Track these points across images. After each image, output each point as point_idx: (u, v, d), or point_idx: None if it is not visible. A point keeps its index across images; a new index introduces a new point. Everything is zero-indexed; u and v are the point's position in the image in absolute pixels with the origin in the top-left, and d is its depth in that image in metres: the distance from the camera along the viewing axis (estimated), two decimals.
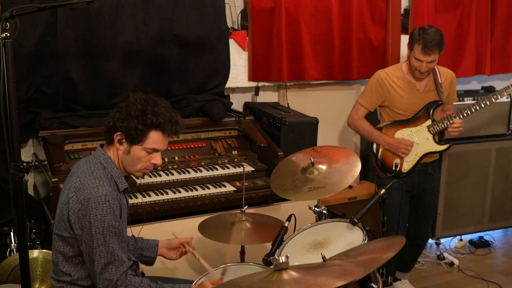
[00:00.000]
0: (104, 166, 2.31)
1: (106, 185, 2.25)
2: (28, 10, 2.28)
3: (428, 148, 3.65)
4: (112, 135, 2.30)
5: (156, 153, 2.34)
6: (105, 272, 2.21)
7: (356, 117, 3.73)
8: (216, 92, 3.87)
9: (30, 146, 3.58)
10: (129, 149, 2.30)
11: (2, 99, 2.21)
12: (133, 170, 2.36)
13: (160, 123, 2.27)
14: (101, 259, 2.20)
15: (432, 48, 3.38)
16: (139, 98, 2.31)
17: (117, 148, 2.32)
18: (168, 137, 2.34)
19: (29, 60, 3.30)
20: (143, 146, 2.29)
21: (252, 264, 2.71)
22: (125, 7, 3.49)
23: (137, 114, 2.25)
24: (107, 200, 2.21)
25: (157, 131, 2.29)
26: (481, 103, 3.64)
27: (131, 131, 2.25)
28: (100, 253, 2.20)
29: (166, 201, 3.23)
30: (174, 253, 2.70)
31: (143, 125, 2.26)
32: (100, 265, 2.21)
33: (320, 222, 2.80)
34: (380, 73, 3.67)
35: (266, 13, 3.97)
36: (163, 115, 2.28)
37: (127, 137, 2.28)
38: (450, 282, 4.19)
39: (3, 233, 3.28)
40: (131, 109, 2.27)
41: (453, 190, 4.52)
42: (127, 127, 2.25)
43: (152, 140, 2.29)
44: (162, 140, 2.32)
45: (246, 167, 3.53)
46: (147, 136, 2.28)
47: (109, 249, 2.21)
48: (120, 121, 2.27)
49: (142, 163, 2.33)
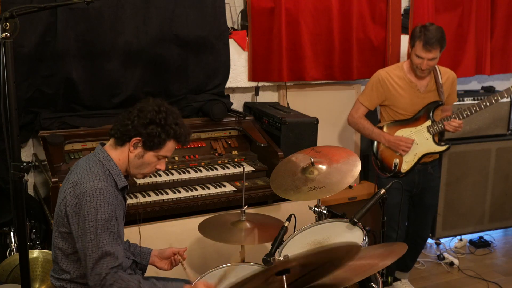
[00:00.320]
0: (103, 164, 2.31)
1: (102, 180, 2.25)
2: (28, 10, 2.28)
3: (428, 149, 3.65)
4: (130, 139, 2.31)
5: (164, 160, 2.40)
6: (96, 267, 2.19)
7: (357, 116, 3.73)
8: (216, 92, 3.87)
9: (30, 146, 3.58)
10: (143, 154, 2.33)
11: (2, 99, 2.21)
12: (137, 172, 2.39)
13: (181, 134, 2.34)
14: (93, 253, 2.19)
15: (433, 44, 3.38)
16: (161, 105, 2.33)
17: (129, 150, 2.33)
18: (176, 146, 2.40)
19: (29, 60, 3.30)
20: (157, 154, 2.34)
21: (252, 264, 2.70)
22: (125, 7, 3.49)
23: (161, 122, 2.29)
24: (101, 193, 2.21)
25: (175, 141, 2.35)
26: (481, 105, 3.64)
27: (153, 138, 2.29)
28: (93, 248, 2.19)
29: (166, 201, 3.23)
30: (166, 263, 2.66)
31: (166, 134, 2.30)
32: (92, 260, 2.19)
33: (320, 222, 2.80)
34: (381, 72, 3.67)
35: (266, 13, 3.97)
36: (183, 127, 2.35)
37: (145, 143, 2.30)
38: (450, 282, 4.19)
39: (3, 233, 3.28)
40: (153, 116, 2.29)
41: (453, 190, 4.52)
42: (150, 133, 2.28)
43: (167, 149, 2.35)
44: (174, 149, 2.39)
45: (246, 167, 3.53)
46: (165, 145, 2.32)
47: (100, 243, 2.19)
48: (142, 127, 2.28)
49: (150, 168, 2.38)
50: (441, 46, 3.43)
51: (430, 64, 3.46)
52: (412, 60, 3.51)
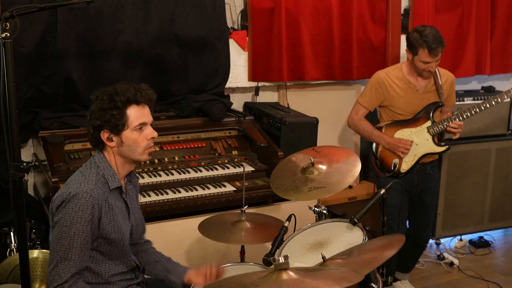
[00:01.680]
0: (98, 165, 2.31)
1: (91, 183, 2.24)
2: (28, 10, 2.28)
3: (427, 149, 3.65)
4: (99, 138, 2.30)
5: (146, 128, 2.33)
6: (57, 269, 2.18)
7: (356, 117, 3.74)
8: (216, 92, 3.87)
9: (30, 146, 3.58)
10: (120, 139, 2.29)
11: (2, 99, 2.21)
12: (137, 155, 2.33)
13: (129, 97, 2.27)
14: (58, 252, 2.18)
15: (438, 47, 3.43)
16: (98, 93, 2.32)
17: (110, 146, 2.31)
18: (145, 106, 2.32)
19: (29, 60, 3.30)
20: (130, 127, 2.29)
21: (252, 264, 2.70)
22: (125, 7, 3.49)
23: (106, 105, 2.26)
24: (84, 196, 2.19)
25: (132, 105, 2.28)
26: (482, 106, 3.64)
27: (111, 120, 2.25)
28: (61, 247, 2.18)
29: (166, 201, 3.23)
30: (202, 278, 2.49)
31: (117, 108, 2.25)
32: (55, 259, 2.18)
33: (320, 222, 2.80)
34: (380, 73, 3.68)
35: (266, 13, 3.97)
36: (126, 90, 2.28)
37: (111, 129, 2.27)
38: (450, 282, 4.19)
39: (3, 233, 3.28)
40: (98, 105, 2.28)
41: (453, 190, 4.52)
42: (105, 120, 2.25)
43: (133, 117, 2.28)
44: (143, 112, 2.31)
45: (246, 167, 3.53)
46: (126, 116, 2.27)
47: (68, 244, 2.17)
48: (96, 121, 2.27)
49: (140, 143, 2.32)
50: (443, 46, 3.47)
51: (437, 63, 3.51)
52: (417, 66, 3.52)
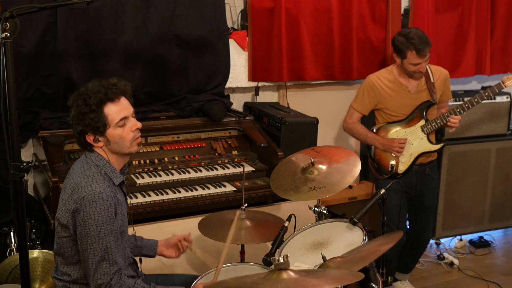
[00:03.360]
0: (97, 165, 2.32)
1: (100, 182, 2.26)
2: (28, 10, 2.28)
3: (423, 148, 3.66)
4: (85, 142, 2.33)
5: (128, 121, 2.34)
6: (99, 270, 2.21)
7: (351, 121, 3.76)
8: (216, 92, 3.87)
9: (30, 146, 3.58)
10: (106, 138, 2.31)
11: (2, 99, 2.21)
12: (126, 149, 2.35)
13: (101, 98, 2.28)
14: (95, 256, 2.21)
15: (425, 48, 3.46)
16: (71, 98, 2.33)
17: (99, 147, 2.34)
18: (121, 100, 2.33)
19: (29, 60, 3.30)
20: (112, 125, 2.30)
21: (252, 264, 2.70)
22: (125, 7, 3.49)
23: (83, 109, 2.27)
24: (101, 197, 2.22)
25: (107, 104, 2.29)
26: (473, 101, 3.65)
27: (92, 123, 2.27)
28: (94, 251, 2.21)
29: (166, 201, 3.23)
30: (172, 251, 2.73)
31: (93, 111, 2.26)
32: (94, 262, 2.21)
33: (320, 222, 2.81)
34: (371, 77, 3.70)
35: (266, 13, 3.97)
36: (97, 90, 2.29)
37: (95, 131, 2.29)
38: (450, 282, 4.19)
39: (3, 233, 3.28)
40: (76, 111, 2.29)
41: (453, 190, 4.52)
42: (86, 124, 2.27)
43: (112, 115, 2.30)
44: (120, 107, 2.32)
45: (246, 167, 3.53)
46: (104, 115, 2.28)
47: (102, 246, 2.21)
48: (78, 126, 2.29)
49: (126, 137, 2.33)
50: (430, 45, 3.50)
51: (426, 63, 3.54)
52: (407, 68, 3.55)
